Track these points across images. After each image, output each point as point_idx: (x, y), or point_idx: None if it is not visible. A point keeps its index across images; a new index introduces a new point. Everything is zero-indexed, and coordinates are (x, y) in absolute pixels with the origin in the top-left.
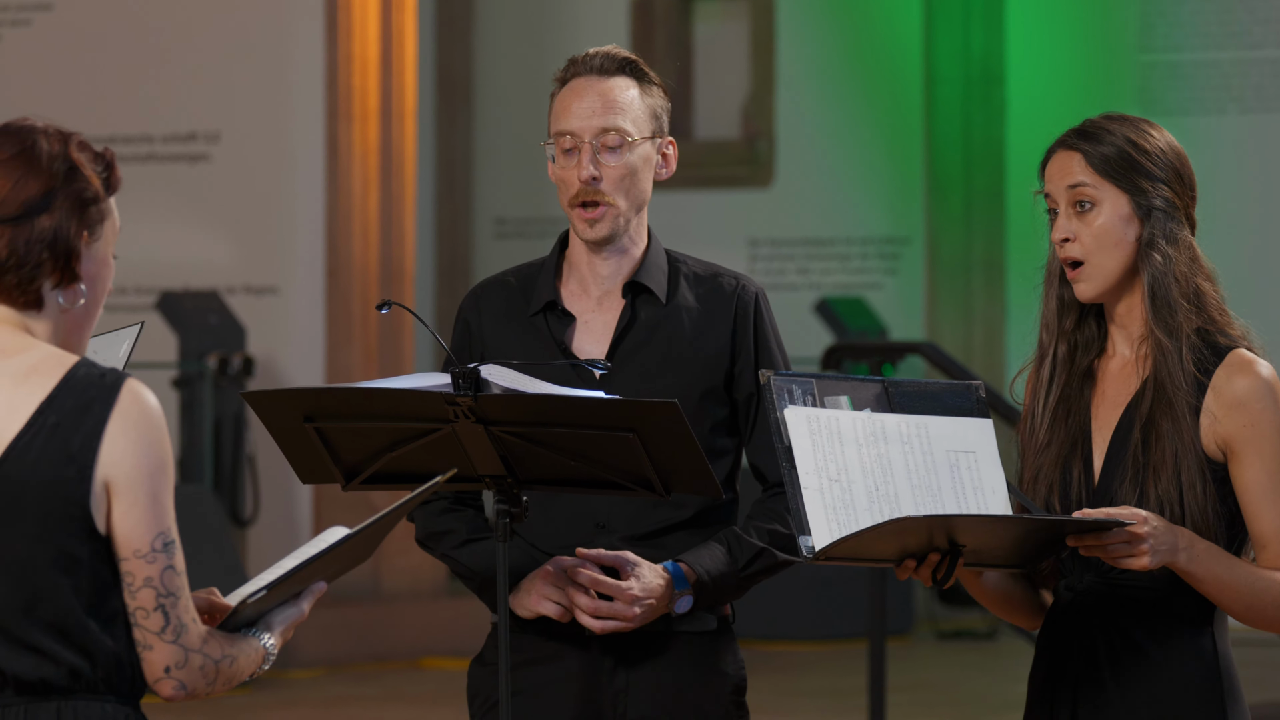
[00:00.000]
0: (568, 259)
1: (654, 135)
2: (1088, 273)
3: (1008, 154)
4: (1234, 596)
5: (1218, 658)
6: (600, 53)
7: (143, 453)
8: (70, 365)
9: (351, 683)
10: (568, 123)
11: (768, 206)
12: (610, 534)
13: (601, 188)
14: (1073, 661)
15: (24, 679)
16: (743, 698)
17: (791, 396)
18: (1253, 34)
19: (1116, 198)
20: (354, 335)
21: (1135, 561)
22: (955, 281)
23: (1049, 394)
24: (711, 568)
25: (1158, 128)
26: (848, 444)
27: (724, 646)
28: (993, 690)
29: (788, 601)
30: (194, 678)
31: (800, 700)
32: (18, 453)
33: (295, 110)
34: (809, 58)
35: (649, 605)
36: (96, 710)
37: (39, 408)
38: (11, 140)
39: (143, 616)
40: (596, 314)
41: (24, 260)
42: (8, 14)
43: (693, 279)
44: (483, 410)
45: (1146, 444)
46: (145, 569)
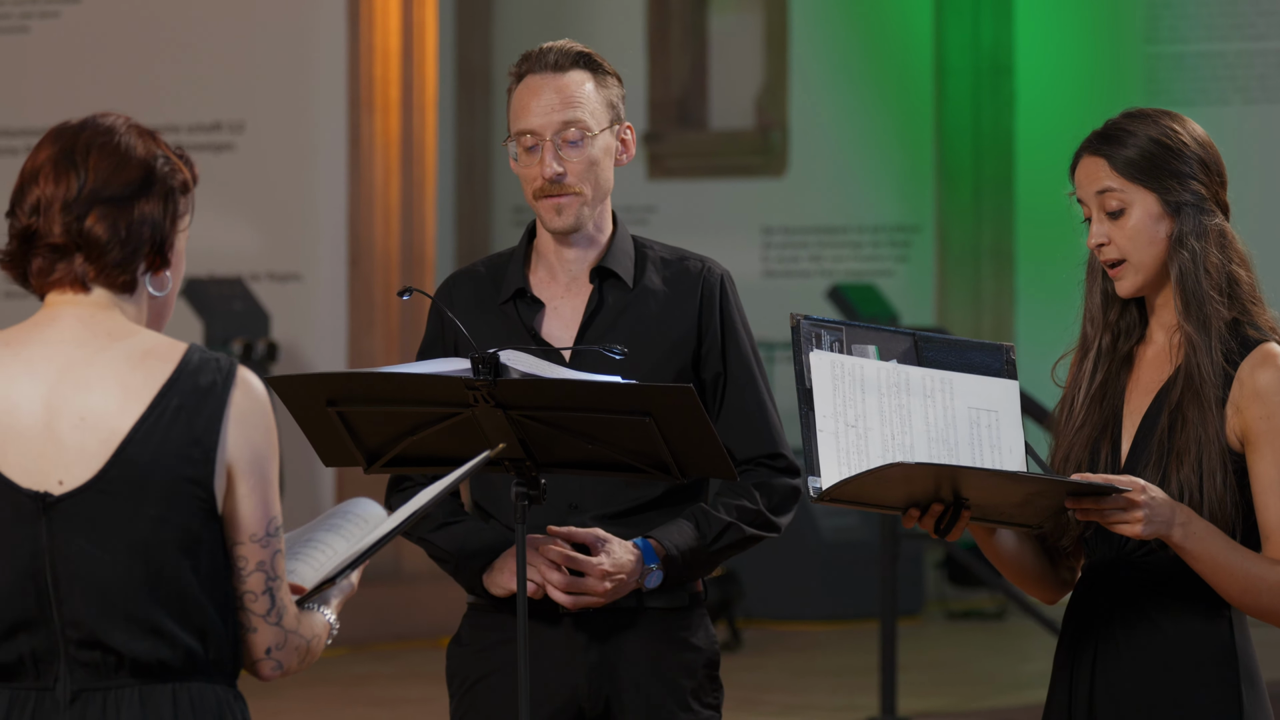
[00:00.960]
0: (536, 248)
1: (612, 124)
2: (1126, 270)
3: (1016, 144)
4: (1229, 579)
5: (1234, 640)
6: (554, 48)
7: (260, 439)
8: (184, 350)
9: (373, 661)
10: (527, 121)
11: (781, 195)
12: (582, 513)
13: (566, 181)
14: (1092, 639)
15: (141, 661)
16: (716, 671)
17: (819, 341)
18: (1257, 26)
19: (1145, 198)
20: (376, 321)
21: (1129, 528)
22: (965, 268)
23: (1091, 381)
24: (680, 543)
25: (1180, 119)
26: (869, 391)
27: (696, 621)
28: (1002, 669)
29: (801, 583)
30: (290, 657)
31: (813, 679)
32: (141, 435)
33: (318, 101)
34: (822, 50)
35: (619, 580)
36: (210, 694)
37: (160, 390)
38: (104, 132)
39: (251, 600)
40: (565, 299)
41: (126, 240)
42: (36, 6)
43: (659, 263)
44: (501, 395)
45: (1173, 430)
46: (259, 553)
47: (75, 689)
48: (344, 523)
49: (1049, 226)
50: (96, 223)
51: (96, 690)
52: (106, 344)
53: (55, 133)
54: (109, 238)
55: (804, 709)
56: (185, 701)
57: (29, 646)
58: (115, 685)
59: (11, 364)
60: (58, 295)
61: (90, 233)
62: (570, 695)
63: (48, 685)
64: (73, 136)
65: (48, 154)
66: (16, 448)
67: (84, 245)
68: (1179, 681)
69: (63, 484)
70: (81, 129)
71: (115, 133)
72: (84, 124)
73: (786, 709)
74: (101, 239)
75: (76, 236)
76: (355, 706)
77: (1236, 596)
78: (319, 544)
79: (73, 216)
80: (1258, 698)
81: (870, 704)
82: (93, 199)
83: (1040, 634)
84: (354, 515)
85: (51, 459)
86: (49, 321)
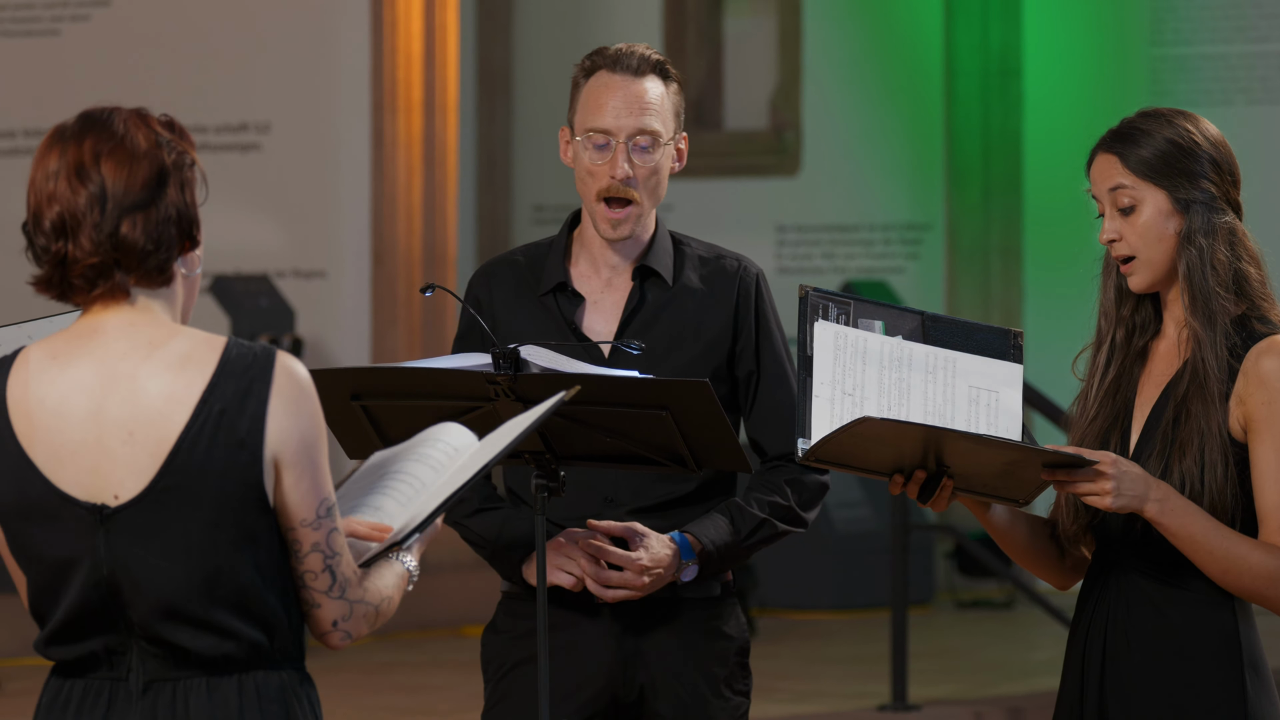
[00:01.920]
0: (579, 240)
1: (675, 134)
2: (1137, 266)
3: (1024, 144)
4: (1208, 558)
5: (1238, 629)
6: (634, 52)
7: (304, 426)
8: (222, 348)
9: (396, 650)
10: (602, 120)
11: (794, 194)
12: (618, 507)
13: (632, 187)
14: (1101, 626)
15: (206, 656)
16: (746, 659)
17: (825, 312)
18: (1259, 28)
19: (1155, 195)
20: (399, 317)
21: (1098, 500)
22: (974, 266)
23: (1104, 375)
24: (716, 538)
25: (1193, 119)
26: (870, 363)
27: (727, 611)
28: (1010, 658)
29: (813, 573)
30: (358, 625)
31: (825, 667)
32: (188, 444)
33: (342, 102)
34: (834, 52)
35: (657, 575)
36: (275, 680)
37: (202, 396)
38: (105, 132)
39: (311, 579)
40: (605, 294)
41: (160, 241)
42: (68, 9)
43: (696, 261)
44: (522, 389)
45: (1177, 422)
46: (313, 535)
47: (147, 680)
48: (432, 451)
49: (1056, 225)
50: (130, 232)
51: (166, 681)
52: (148, 353)
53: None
54: (144, 244)
55: (817, 696)
56: (251, 690)
57: (102, 643)
58: (184, 677)
59: (60, 379)
60: (98, 305)
61: (125, 243)
62: (605, 683)
63: (121, 676)
64: (77, 145)
65: (57, 168)
66: (73, 463)
67: (121, 258)
68: (1184, 669)
69: (118, 498)
70: (83, 134)
71: (117, 132)
72: (84, 127)
73: (800, 696)
74: (138, 247)
75: (112, 251)
76: (381, 693)
77: (1218, 575)
78: (405, 476)
79: (104, 234)
80: (1262, 685)
81: (882, 691)
82: (119, 210)
83: (1048, 623)
84: (443, 443)
85: (105, 474)
86: (92, 333)
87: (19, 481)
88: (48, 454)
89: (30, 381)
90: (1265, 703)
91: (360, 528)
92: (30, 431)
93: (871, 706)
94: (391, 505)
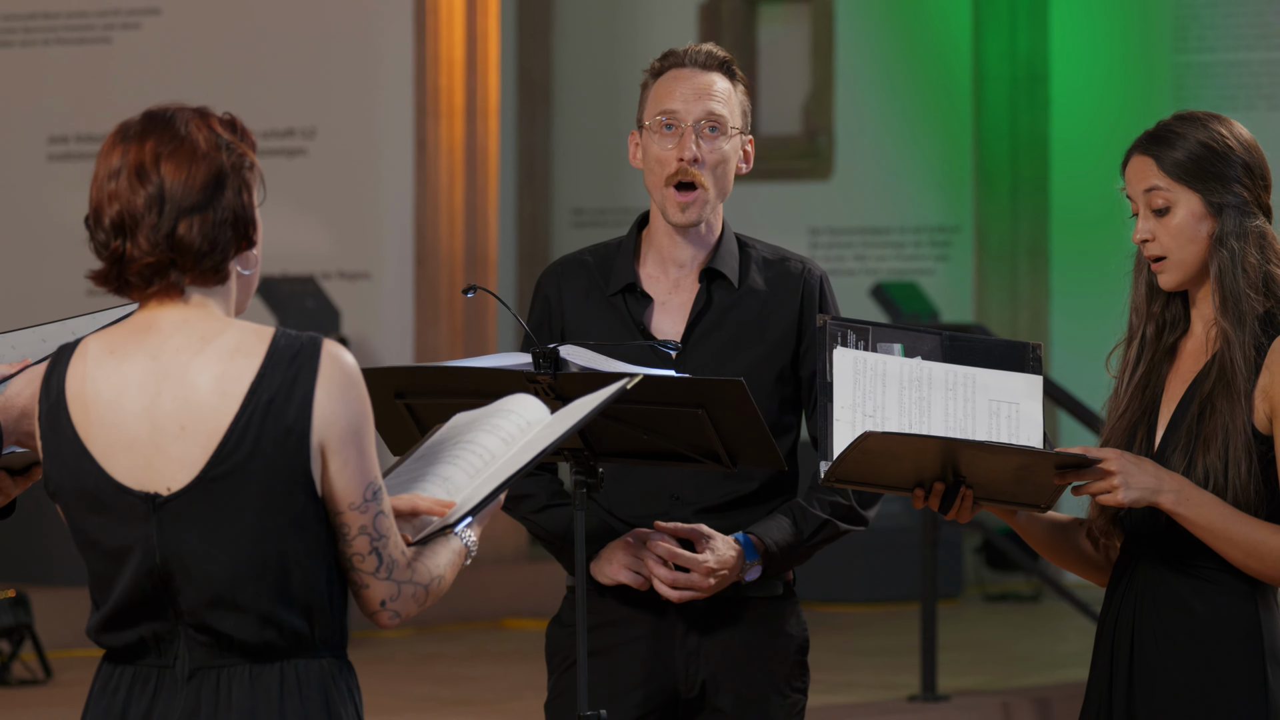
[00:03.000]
0: (647, 239)
1: (742, 130)
2: (1168, 266)
3: (1051, 148)
4: (1229, 544)
5: (1259, 621)
6: (701, 49)
7: (350, 412)
8: (269, 340)
9: (439, 641)
10: (671, 104)
11: (827, 197)
12: (684, 505)
13: (700, 170)
14: (1129, 618)
15: (250, 644)
16: (805, 657)
17: (844, 339)
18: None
19: (1189, 198)
20: (441, 318)
21: (1110, 497)
22: (1002, 267)
23: (1135, 370)
24: (779, 539)
25: (1228, 123)
26: (890, 385)
27: (789, 610)
28: (1037, 650)
29: (846, 567)
30: (407, 605)
31: (857, 659)
32: (238, 434)
33: (386, 108)
34: (866, 58)
35: (722, 576)
36: (315, 668)
37: (250, 387)
38: (167, 133)
39: (359, 561)
40: (673, 296)
41: (215, 244)
42: (118, 18)
43: (762, 263)
44: (561, 388)
45: (1202, 418)
46: (360, 519)
47: (193, 667)
48: (504, 423)
49: (1083, 227)
50: (186, 233)
51: (211, 669)
52: (200, 348)
53: (119, 136)
54: (200, 245)
55: (849, 686)
56: (292, 677)
57: (151, 630)
58: (228, 664)
59: (116, 373)
60: (155, 301)
61: (182, 244)
62: (667, 679)
63: (168, 664)
64: (139, 145)
65: (119, 166)
66: (127, 455)
67: (178, 258)
68: (1208, 661)
69: (170, 489)
70: (146, 134)
71: (178, 134)
72: (147, 127)
73: (832, 686)
74: (194, 248)
75: (169, 251)
76: (422, 684)
77: (1241, 561)
78: (475, 447)
79: (161, 235)
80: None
81: (912, 682)
82: (176, 212)
83: (1074, 616)
84: (515, 415)
85: (158, 468)
86: (148, 329)
87: (76, 470)
88: (103, 445)
89: (88, 374)
90: None
91: (423, 503)
92: (87, 423)
93: (902, 697)
94: (460, 476)
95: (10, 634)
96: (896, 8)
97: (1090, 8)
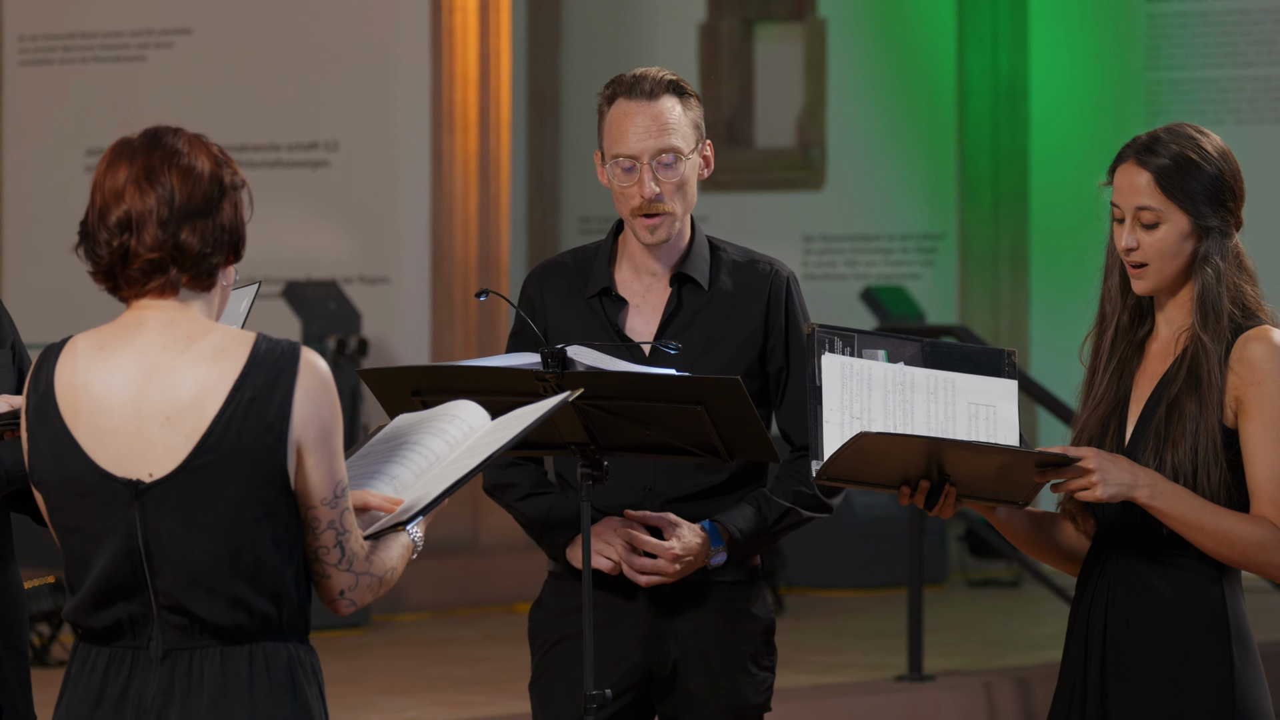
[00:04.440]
0: (622, 248)
1: (697, 144)
2: (1148, 273)
3: (1031, 160)
4: (1202, 535)
5: (1226, 605)
6: (647, 76)
7: (324, 415)
8: (252, 343)
9: (453, 625)
10: (626, 146)
11: (820, 206)
12: (656, 496)
13: (661, 201)
14: (1102, 602)
15: (221, 626)
16: (772, 637)
17: (831, 346)
18: (1247, 54)
19: (1179, 218)
20: (456, 319)
21: (1089, 493)
22: (984, 272)
23: (1111, 357)
24: (743, 526)
25: (1215, 143)
26: (875, 389)
27: (754, 593)
28: (1017, 632)
29: (837, 554)
30: (362, 594)
31: (848, 641)
32: (221, 427)
33: (404, 122)
34: (856, 76)
35: (688, 561)
36: (283, 651)
37: (234, 385)
38: (169, 148)
39: (324, 553)
40: (646, 298)
41: (213, 250)
42: (152, 38)
43: (730, 265)
44: (568, 385)
45: (1170, 420)
46: (329, 514)
47: (166, 648)
48: (449, 427)
49: (1061, 234)
50: (190, 236)
51: (184, 650)
52: (186, 345)
53: (123, 149)
54: (201, 248)
55: (840, 667)
56: (260, 659)
57: (126, 612)
58: (200, 645)
59: (105, 367)
60: (144, 301)
61: (185, 245)
62: (641, 658)
63: (142, 645)
64: (146, 155)
65: (126, 173)
66: (112, 443)
67: (179, 258)
68: (1177, 641)
69: (152, 475)
70: (151, 147)
71: (180, 150)
72: (150, 142)
73: (824, 668)
74: (194, 251)
75: (173, 250)
76: (439, 665)
77: (1212, 549)
78: (421, 449)
79: (168, 234)
80: (1248, 656)
81: (899, 663)
82: (183, 215)
83: (1052, 600)
84: (460, 420)
85: (142, 455)
86: (137, 326)
87: (62, 458)
88: (90, 434)
89: (78, 368)
90: (1251, 672)
91: (374, 499)
92: (75, 414)
93: (890, 677)
94: (407, 475)
95: (49, 618)
96: (885, 28)
97: (1067, 28)
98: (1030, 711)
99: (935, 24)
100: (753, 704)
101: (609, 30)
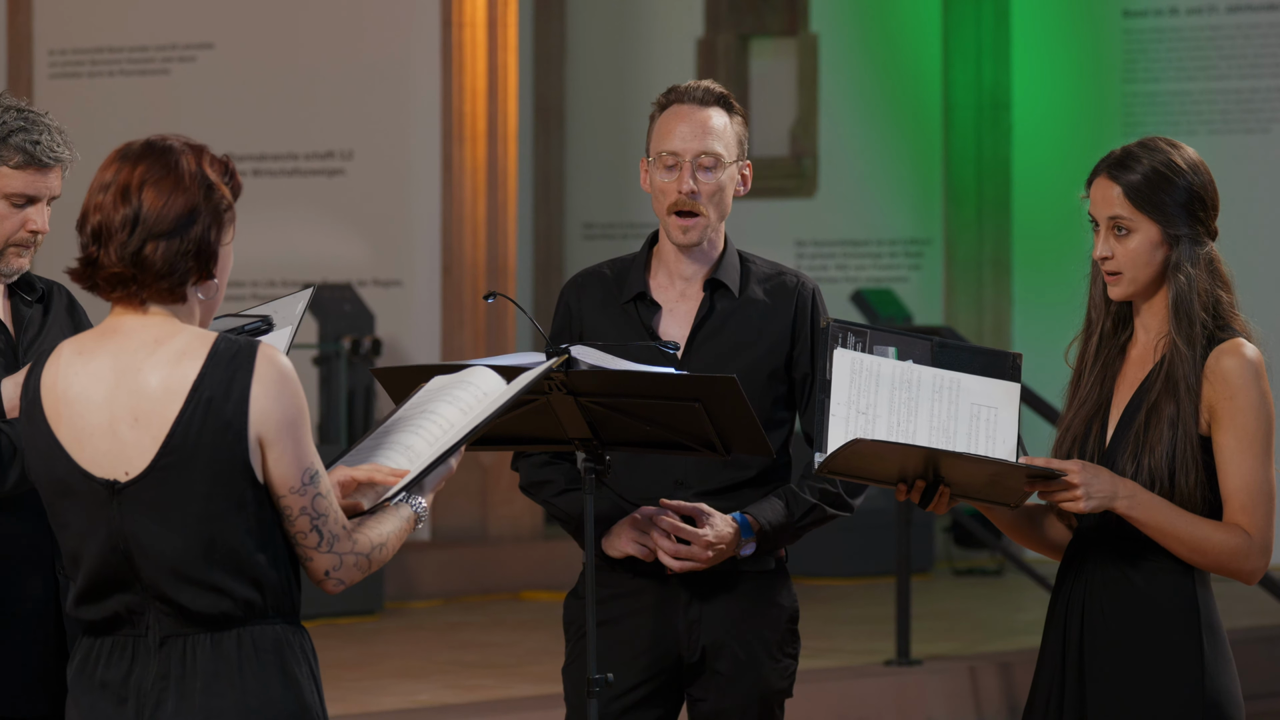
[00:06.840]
0: (657, 255)
1: (738, 158)
2: (1122, 280)
3: (1013, 169)
4: (1176, 541)
5: (1196, 596)
6: (700, 86)
7: (284, 407)
8: (211, 343)
9: (462, 612)
10: (671, 144)
11: (812, 213)
12: (686, 489)
13: (697, 200)
14: (1080, 592)
15: (207, 614)
16: (795, 625)
17: (844, 340)
18: (1219, 68)
19: (1149, 227)
20: (465, 321)
21: (1074, 505)
22: (969, 276)
23: (1095, 361)
24: (772, 519)
25: (1186, 156)
26: (883, 386)
27: (780, 583)
28: (1000, 618)
29: (829, 544)
30: (350, 573)
31: (839, 627)
32: (183, 428)
33: (416, 133)
34: (846, 89)
35: (720, 549)
36: (270, 633)
37: (193, 385)
38: (158, 163)
39: (302, 538)
40: (680, 304)
41: (174, 268)
42: (176, 52)
43: (760, 277)
44: (573, 384)
45: (1148, 424)
46: (299, 501)
47: (163, 635)
48: (463, 394)
49: (1041, 240)
50: (151, 254)
51: (178, 636)
52: (153, 349)
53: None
54: (160, 267)
55: (832, 652)
56: (248, 642)
57: (124, 604)
58: (191, 632)
59: (83, 372)
60: (119, 307)
61: (145, 263)
62: (671, 644)
63: (141, 633)
64: (131, 168)
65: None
66: (90, 444)
67: (139, 274)
68: (1150, 629)
69: (128, 474)
70: (140, 159)
71: (169, 165)
72: (143, 154)
73: (817, 652)
74: (155, 269)
75: (132, 267)
76: (448, 650)
77: (1185, 554)
78: (436, 417)
79: (129, 252)
80: (1217, 643)
81: (888, 648)
82: (146, 234)
83: (1033, 588)
84: (473, 386)
85: (116, 455)
86: (113, 332)
87: (49, 459)
88: (71, 436)
89: (60, 373)
90: (1220, 661)
91: (378, 475)
92: (58, 416)
93: (879, 661)
94: (421, 445)
95: None
96: (874, 44)
97: (1048, 43)
98: (1012, 694)
99: (922, 40)
100: (776, 689)
101: (611, 45)
